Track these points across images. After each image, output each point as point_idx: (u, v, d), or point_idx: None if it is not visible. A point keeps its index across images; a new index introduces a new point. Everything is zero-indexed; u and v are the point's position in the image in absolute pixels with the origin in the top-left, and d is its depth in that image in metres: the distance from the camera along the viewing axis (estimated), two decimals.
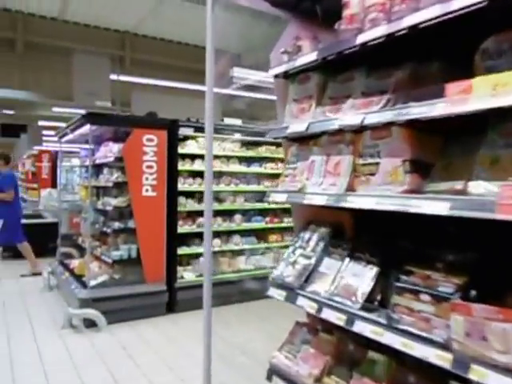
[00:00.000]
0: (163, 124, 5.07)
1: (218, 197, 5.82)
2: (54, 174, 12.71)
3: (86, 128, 4.81)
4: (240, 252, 6.00)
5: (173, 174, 5.15)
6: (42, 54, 10.02)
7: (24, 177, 15.43)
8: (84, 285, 4.80)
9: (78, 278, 5.21)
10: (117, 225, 4.86)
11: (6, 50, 9.87)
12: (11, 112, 15.66)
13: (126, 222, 4.92)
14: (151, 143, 4.96)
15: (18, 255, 8.69)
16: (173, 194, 5.14)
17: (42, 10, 9.85)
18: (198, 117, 5.32)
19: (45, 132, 15.03)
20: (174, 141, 5.14)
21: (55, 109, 11.49)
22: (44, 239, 8.60)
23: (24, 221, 8.91)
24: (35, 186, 13.08)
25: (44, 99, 10.16)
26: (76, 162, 15.10)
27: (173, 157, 5.14)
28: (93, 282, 4.66)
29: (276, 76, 2.30)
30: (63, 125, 7.48)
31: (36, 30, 9.91)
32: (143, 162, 4.91)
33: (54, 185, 12.45)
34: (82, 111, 5.32)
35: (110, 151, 5.11)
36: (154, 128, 4.99)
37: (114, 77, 6.80)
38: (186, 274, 5.27)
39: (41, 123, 14.33)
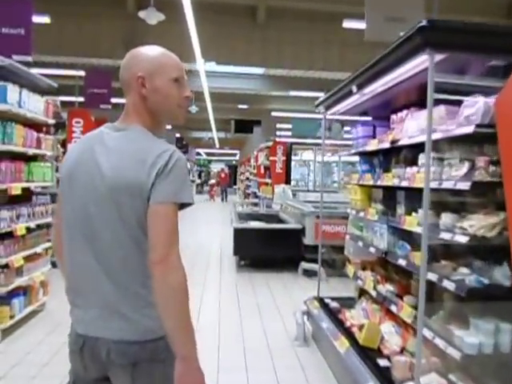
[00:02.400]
0: None
1: None
2: (288, 168, 11.40)
3: (417, 62, 2.31)
4: None
5: None
6: (284, 22, 8.30)
7: (255, 171, 14.75)
8: None
9: (366, 355, 2.84)
10: (473, 277, 2.20)
11: (246, 20, 8.49)
12: (245, 106, 15.18)
13: (490, 269, 2.25)
14: None
15: (254, 264, 7.16)
16: None
17: None
18: None
19: (278, 125, 13.94)
20: None
21: (292, 93, 9.83)
22: (284, 249, 6.79)
23: (258, 224, 7.35)
24: (268, 181, 12.03)
25: (283, 80, 8.49)
26: (308, 155, 13.51)
27: None
28: None
29: None
30: (298, 115, 5.57)
31: None
32: None
33: (287, 181, 11.12)
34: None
35: (439, 118, 2.53)
36: None
37: None
38: None
39: (274, 114, 13.23)
